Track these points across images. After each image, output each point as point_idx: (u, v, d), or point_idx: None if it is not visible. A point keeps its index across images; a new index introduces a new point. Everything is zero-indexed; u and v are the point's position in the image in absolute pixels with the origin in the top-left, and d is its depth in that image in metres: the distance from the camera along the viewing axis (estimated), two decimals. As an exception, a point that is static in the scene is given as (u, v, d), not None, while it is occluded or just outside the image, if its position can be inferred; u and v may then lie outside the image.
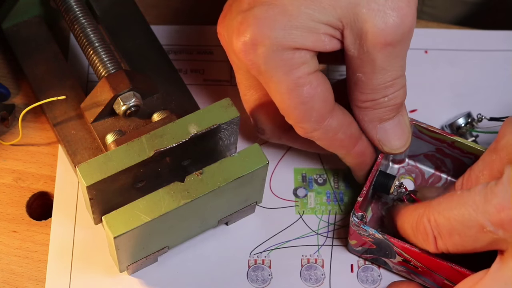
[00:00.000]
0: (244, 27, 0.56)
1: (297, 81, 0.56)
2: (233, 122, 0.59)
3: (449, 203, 0.53)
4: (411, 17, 0.55)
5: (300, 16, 0.55)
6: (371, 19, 0.54)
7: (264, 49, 0.55)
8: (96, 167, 0.56)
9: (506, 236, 0.51)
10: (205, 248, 0.63)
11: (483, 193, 0.52)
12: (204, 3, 0.75)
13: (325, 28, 0.55)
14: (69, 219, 0.64)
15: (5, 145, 0.67)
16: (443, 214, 0.53)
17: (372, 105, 0.59)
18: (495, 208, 0.51)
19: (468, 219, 0.52)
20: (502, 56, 0.72)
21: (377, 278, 0.63)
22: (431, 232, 0.54)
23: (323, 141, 0.60)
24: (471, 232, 0.52)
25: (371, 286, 0.62)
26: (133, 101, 0.62)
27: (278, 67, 0.56)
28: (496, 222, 0.51)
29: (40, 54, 0.68)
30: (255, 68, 0.57)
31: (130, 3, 0.70)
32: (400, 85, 0.58)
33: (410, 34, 0.56)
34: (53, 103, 0.65)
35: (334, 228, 0.65)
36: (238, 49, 0.56)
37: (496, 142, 0.56)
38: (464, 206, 0.52)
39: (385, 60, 0.56)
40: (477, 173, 0.57)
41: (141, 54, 0.68)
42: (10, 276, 0.62)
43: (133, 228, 0.55)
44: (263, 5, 0.55)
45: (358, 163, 0.62)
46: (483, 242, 0.52)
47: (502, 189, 0.51)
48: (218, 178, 0.56)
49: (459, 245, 0.53)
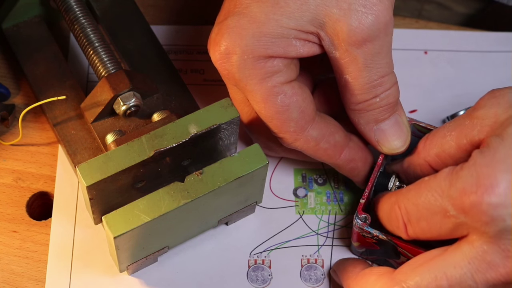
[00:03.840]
0: (219, 38, 0.57)
1: (271, 90, 0.57)
2: (233, 122, 0.59)
3: (418, 190, 0.54)
4: (385, 11, 0.55)
5: (269, 23, 0.55)
6: (344, 18, 0.55)
7: (236, 58, 0.56)
8: (96, 167, 0.56)
9: (467, 221, 0.51)
10: (205, 248, 0.63)
11: (448, 177, 0.52)
12: (204, 4, 0.75)
13: (295, 33, 0.56)
14: (69, 219, 0.64)
15: (5, 145, 0.67)
16: (412, 201, 0.54)
17: (365, 106, 0.59)
18: (458, 192, 0.51)
19: (434, 204, 0.52)
20: (501, 57, 0.72)
21: (377, 278, 0.63)
22: (401, 219, 0.55)
23: (307, 151, 0.60)
24: (437, 218, 0.52)
25: (371, 286, 0.62)
26: (133, 101, 0.62)
27: (251, 75, 0.57)
28: (458, 206, 0.51)
29: (40, 54, 0.68)
30: (231, 77, 0.57)
31: (130, 3, 0.70)
32: (390, 83, 0.58)
33: (388, 30, 0.56)
34: (53, 103, 0.65)
35: (334, 228, 0.65)
36: (215, 59, 0.58)
37: (474, 109, 0.55)
38: (430, 192, 0.53)
39: (367, 58, 0.56)
40: (446, 132, 0.56)
41: (141, 54, 0.68)
42: (10, 276, 0.62)
43: (133, 228, 0.55)
44: (235, 15, 0.56)
45: (349, 170, 0.62)
46: (447, 228, 0.52)
47: (467, 173, 0.51)
48: (218, 178, 0.56)
49: (426, 231, 0.54)
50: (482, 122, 0.54)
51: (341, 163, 0.61)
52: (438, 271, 0.52)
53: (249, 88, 0.57)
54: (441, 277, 0.52)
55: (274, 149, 0.64)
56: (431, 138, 0.58)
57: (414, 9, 0.84)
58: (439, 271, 0.52)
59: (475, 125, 0.54)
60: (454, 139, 0.55)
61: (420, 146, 0.58)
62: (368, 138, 0.61)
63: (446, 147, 0.56)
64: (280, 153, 0.65)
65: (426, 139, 0.58)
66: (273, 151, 0.64)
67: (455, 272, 0.52)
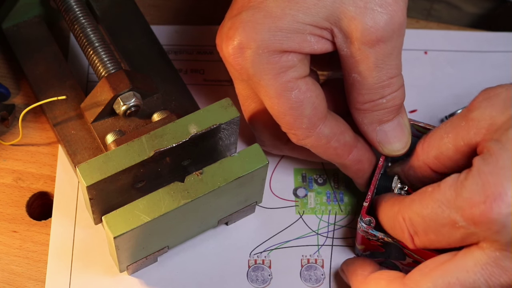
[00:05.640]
0: (232, 32, 0.56)
1: (285, 85, 0.56)
2: (233, 122, 0.59)
3: (422, 201, 0.53)
4: (400, 13, 0.55)
5: (285, 18, 0.55)
6: (359, 17, 0.55)
7: (251, 52, 0.56)
8: (96, 167, 0.56)
9: (477, 231, 0.51)
10: (205, 248, 0.63)
11: (453, 187, 0.52)
12: (204, 3, 0.75)
13: (311, 28, 0.55)
14: (69, 219, 0.64)
15: (5, 145, 0.67)
16: (417, 212, 0.54)
17: (371, 106, 0.59)
18: (466, 202, 0.51)
19: (441, 216, 0.52)
20: (501, 58, 0.72)
21: (377, 278, 0.63)
22: (407, 231, 0.55)
23: (317, 149, 0.60)
24: (445, 229, 0.52)
25: (371, 286, 0.62)
26: (133, 101, 0.62)
27: (265, 70, 0.56)
28: (467, 217, 0.51)
29: (40, 54, 0.68)
30: (244, 72, 0.57)
31: (130, 3, 0.70)
32: (397, 85, 0.58)
33: (401, 31, 0.56)
34: (53, 103, 0.65)
35: (334, 228, 0.65)
36: (228, 54, 0.57)
37: (468, 110, 0.55)
38: (436, 203, 0.52)
39: (379, 58, 0.56)
40: (442, 133, 0.56)
41: (141, 54, 0.68)
42: (10, 276, 0.62)
43: (133, 228, 0.55)
44: (250, 9, 0.56)
45: (356, 171, 0.62)
46: (457, 238, 0.52)
47: (473, 182, 0.51)
48: (218, 178, 0.56)
49: (435, 242, 0.53)
50: (478, 124, 0.53)
51: (349, 163, 0.61)
52: (450, 277, 0.52)
53: (263, 83, 0.57)
54: (454, 283, 0.52)
55: (278, 147, 0.64)
56: (428, 141, 0.57)
57: (423, 8, 0.83)
58: (452, 277, 0.52)
59: (471, 127, 0.54)
60: (451, 141, 0.55)
61: (419, 149, 0.58)
62: (370, 138, 0.61)
63: (444, 149, 0.56)
64: (284, 151, 0.65)
65: (424, 142, 0.58)
66: (277, 149, 0.64)
67: (468, 277, 0.52)
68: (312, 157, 0.63)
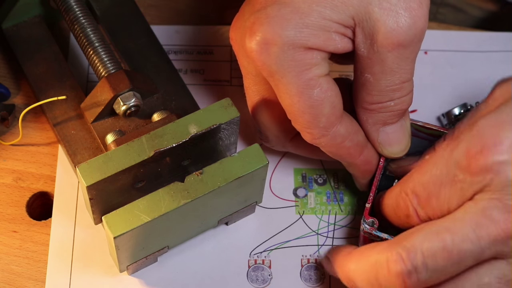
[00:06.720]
0: (257, 27, 0.55)
1: (308, 83, 0.56)
2: (233, 122, 0.59)
3: (421, 170, 0.54)
4: (423, 18, 0.55)
5: (312, 14, 0.54)
6: (383, 18, 0.54)
7: (276, 49, 0.55)
8: (96, 167, 0.56)
9: (473, 182, 0.51)
10: (205, 248, 0.63)
11: (449, 145, 0.52)
12: (204, 3, 0.75)
13: (337, 26, 0.55)
14: (69, 219, 0.64)
15: (5, 145, 0.67)
16: (417, 182, 0.54)
17: (378, 108, 0.58)
18: (463, 153, 0.51)
19: (440, 175, 0.53)
20: (501, 58, 0.72)
21: (377, 278, 0.63)
22: (410, 205, 0.55)
23: (330, 148, 0.59)
24: (445, 190, 0.52)
25: (371, 286, 0.62)
26: (133, 101, 0.62)
27: (289, 67, 0.55)
28: (464, 167, 0.51)
29: (40, 54, 0.68)
30: (266, 68, 0.56)
31: (130, 3, 0.70)
32: (408, 90, 0.58)
33: (422, 36, 0.56)
34: (53, 103, 0.65)
35: (334, 228, 0.65)
36: (250, 49, 0.56)
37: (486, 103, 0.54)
38: (434, 166, 0.53)
39: (395, 61, 0.56)
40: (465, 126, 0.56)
41: (141, 54, 0.68)
42: (10, 276, 0.62)
43: (133, 228, 0.55)
44: (275, 4, 0.55)
45: (363, 171, 0.62)
46: (456, 198, 0.52)
47: (469, 135, 0.51)
48: (218, 178, 0.56)
49: (436, 209, 0.53)
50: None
51: (359, 163, 0.61)
52: (440, 227, 0.52)
53: (285, 81, 0.56)
54: (444, 233, 0.51)
55: (282, 144, 0.64)
56: (449, 138, 0.56)
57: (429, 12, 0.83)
58: (441, 227, 0.52)
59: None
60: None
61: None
62: (371, 138, 0.61)
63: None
64: (287, 148, 0.64)
65: (444, 139, 0.57)
66: (280, 145, 0.64)
67: (456, 227, 0.51)
68: (315, 155, 0.63)
